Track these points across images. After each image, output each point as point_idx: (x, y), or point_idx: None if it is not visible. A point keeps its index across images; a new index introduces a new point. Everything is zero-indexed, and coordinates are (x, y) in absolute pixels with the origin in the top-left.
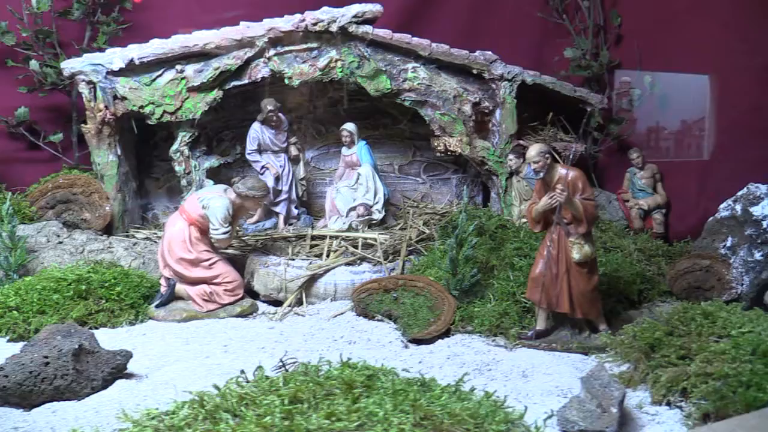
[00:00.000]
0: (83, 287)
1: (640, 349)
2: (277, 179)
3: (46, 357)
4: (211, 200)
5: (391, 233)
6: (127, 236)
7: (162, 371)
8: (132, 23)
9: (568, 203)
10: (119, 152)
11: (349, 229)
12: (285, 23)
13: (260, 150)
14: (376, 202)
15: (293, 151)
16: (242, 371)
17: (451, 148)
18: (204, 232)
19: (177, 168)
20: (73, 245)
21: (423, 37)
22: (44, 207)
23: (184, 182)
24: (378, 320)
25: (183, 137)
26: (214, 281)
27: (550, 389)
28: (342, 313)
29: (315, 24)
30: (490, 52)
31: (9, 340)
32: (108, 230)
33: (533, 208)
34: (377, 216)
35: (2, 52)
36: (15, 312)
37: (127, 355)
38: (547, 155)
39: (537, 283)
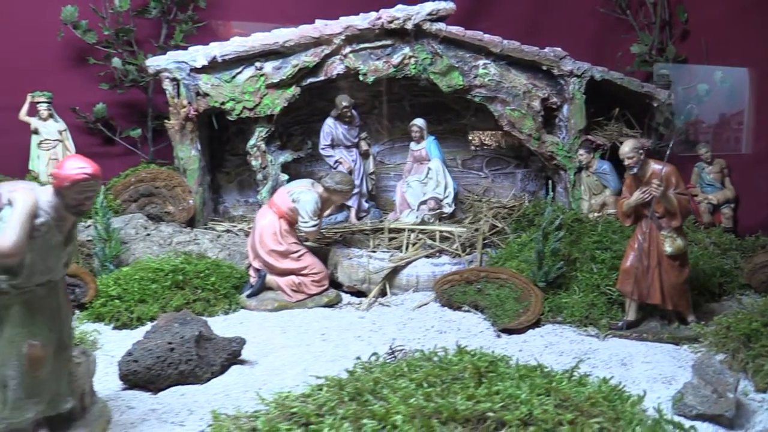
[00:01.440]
0: (180, 277)
1: (736, 339)
2: (350, 173)
3: (170, 343)
4: (300, 194)
5: (463, 226)
6: (207, 229)
7: (270, 358)
8: (207, 22)
9: (662, 197)
10: (199, 147)
11: (422, 222)
12: (361, 21)
13: (333, 145)
14: (446, 196)
15: (363, 146)
16: (375, 353)
17: (486, 142)
18: (292, 224)
19: (253, 162)
20: (160, 237)
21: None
22: (127, 200)
23: (260, 176)
24: (464, 311)
25: (260, 132)
26: (302, 272)
27: (653, 377)
28: (426, 304)
29: (391, 22)
30: (559, 49)
31: (114, 328)
32: (190, 223)
33: (624, 202)
34: (447, 209)
35: (81, 49)
36: (117, 301)
37: (242, 342)
38: (640, 151)
39: (629, 275)
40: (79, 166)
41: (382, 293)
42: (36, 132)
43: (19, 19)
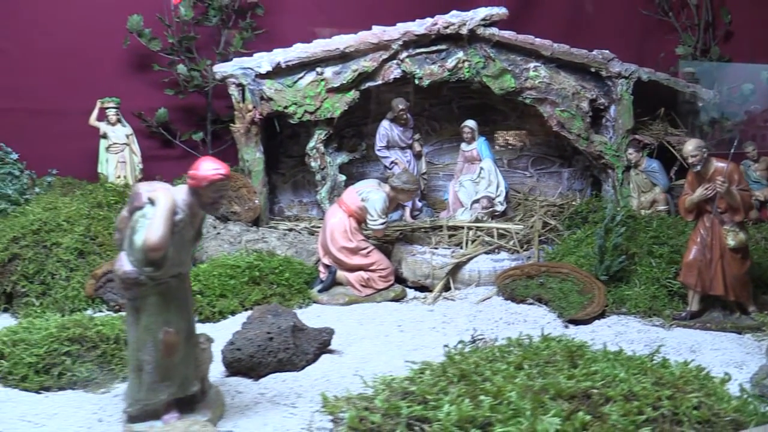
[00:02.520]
0: (256, 273)
1: None
2: None
3: (269, 333)
4: (369, 193)
5: (516, 224)
6: (270, 228)
7: (354, 347)
8: (266, 30)
9: (727, 194)
10: (262, 150)
11: (476, 220)
12: (418, 27)
13: (388, 146)
14: (498, 195)
15: (417, 147)
16: (461, 341)
17: (511, 141)
18: (360, 222)
19: (312, 164)
20: (230, 236)
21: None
22: None
23: (318, 177)
24: (529, 303)
25: (319, 135)
26: (371, 268)
27: (724, 362)
28: (489, 298)
29: (447, 27)
30: (607, 51)
31: (197, 321)
32: (256, 222)
33: (686, 198)
34: (500, 208)
35: (143, 56)
36: (199, 296)
37: (331, 332)
38: (704, 149)
39: (692, 268)
40: (215, 168)
41: (446, 288)
42: (104, 136)
43: (87, 28)
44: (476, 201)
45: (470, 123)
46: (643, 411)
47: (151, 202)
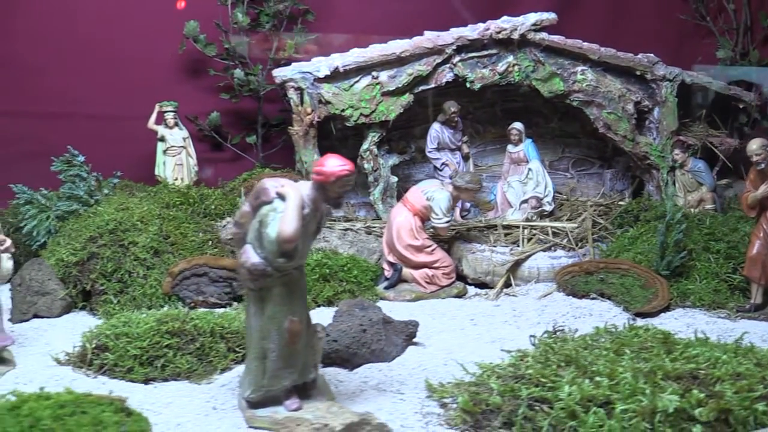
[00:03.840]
0: (326, 271)
1: None
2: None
3: (361, 325)
4: (434, 192)
5: (572, 222)
6: (327, 228)
7: (434, 339)
8: (318, 35)
9: None
10: (318, 152)
11: (527, 220)
12: (471, 32)
13: (438, 148)
14: (546, 195)
15: (465, 149)
16: (546, 331)
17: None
18: (424, 221)
19: (366, 165)
20: None
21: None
22: None
23: (371, 178)
24: (592, 298)
25: (372, 137)
26: (434, 265)
27: None
28: (550, 293)
29: (499, 32)
30: (652, 55)
31: None
32: None
33: (749, 195)
34: (548, 208)
35: (196, 61)
36: None
37: (416, 325)
38: (767, 147)
39: (755, 262)
40: (341, 164)
41: (506, 284)
42: (162, 139)
43: (143, 34)
44: (524, 201)
45: (518, 125)
46: (754, 388)
47: (281, 196)
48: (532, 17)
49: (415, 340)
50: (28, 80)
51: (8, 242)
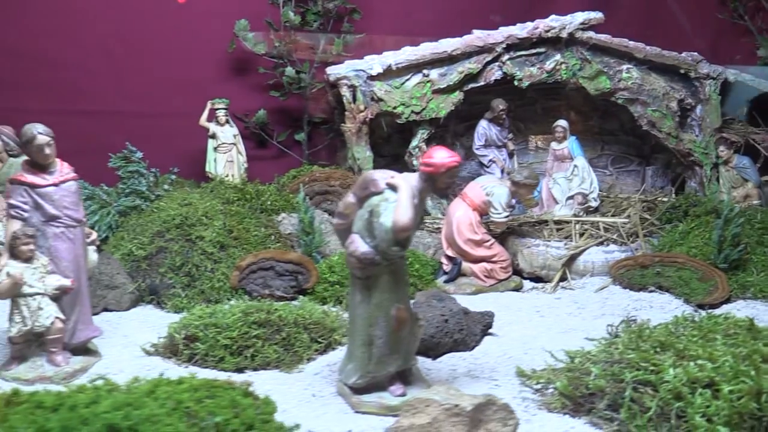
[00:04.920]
0: None
1: None
2: (502, 171)
3: (443, 315)
4: (494, 188)
5: (622, 218)
6: None
7: (506, 330)
8: (365, 34)
9: None
10: (370, 149)
11: (574, 215)
12: (520, 30)
13: (486, 145)
14: (592, 191)
15: (510, 146)
16: (623, 320)
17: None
18: (482, 216)
19: (415, 162)
20: None
21: None
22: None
23: None
24: (650, 291)
25: (422, 134)
26: (493, 259)
27: None
28: (606, 286)
29: (548, 31)
30: (696, 53)
31: (342, 310)
32: None
33: None
34: (593, 204)
35: (243, 60)
36: (338, 286)
37: (492, 315)
38: None
39: None
40: (450, 155)
41: (562, 278)
42: (213, 136)
43: (192, 33)
44: (570, 197)
45: (562, 122)
46: None
47: (392, 187)
48: (580, 16)
49: (491, 330)
50: (82, 80)
51: (94, 235)
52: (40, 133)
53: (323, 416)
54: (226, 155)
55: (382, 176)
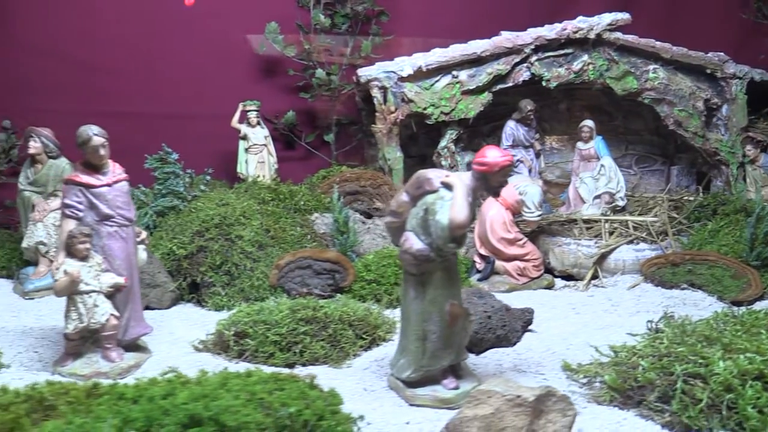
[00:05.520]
0: None
1: None
2: (530, 171)
3: (486, 311)
4: (527, 187)
5: (652, 217)
6: None
7: (544, 327)
8: (393, 36)
9: None
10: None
11: (603, 214)
12: (549, 32)
13: (513, 145)
14: (618, 191)
15: (537, 146)
16: (664, 315)
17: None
18: (515, 215)
19: (443, 162)
20: (380, 230)
21: None
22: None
23: None
24: (682, 288)
25: (450, 135)
26: (525, 258)
27: None
28: (638, 284)
29: (576, 32)
30: (722, 53)
31: (385, 308)
32: None
33: None
34: (620, 203)
35: (270, 62)
36: (374, 284)
37: (532, 312)
38: None
39: None
40: (502, 155)
41: (593, 276)
42: (244, 138)
43: (223, 35)
44: (597, 197)
45: (589, 123)
46: None
47: (446, 186)
48: (608, 17)
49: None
50: (114, 83)
51: (144, 234)
52: (95, 134)
53: (379, 409)
54: (257, 156)
55: (437, 175)
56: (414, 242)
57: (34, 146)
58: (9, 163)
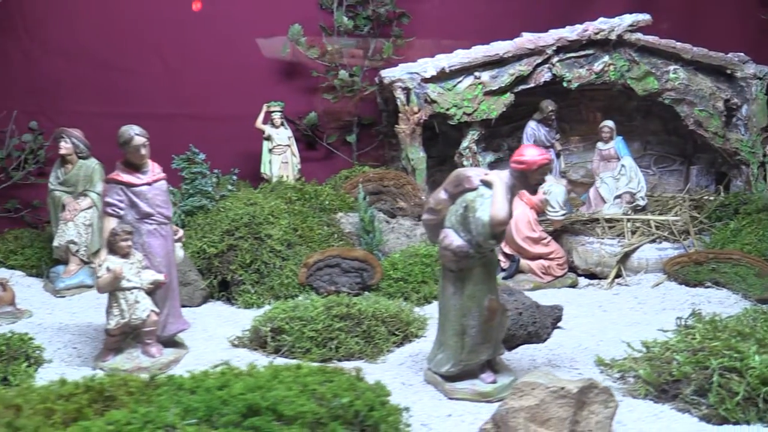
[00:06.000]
0: None
1: None
2: (551, 171)
3: (517, 308)
4: (550, 186)
5: (674, 216)
6: None
7: (573, 324)
8: (414, 38)
9: None
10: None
11: (624, 214)
12: (570, 33)
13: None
14: (639, 190)
15: (558, 146)
16: (692, 312)
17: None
18: (539, 214)
19: (465, 163)
20: (404, 229)
21: None
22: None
23: None
24: (706, 286)
25: (472, 135)
26: (549, 256)
27: None
28: (661, 282)
29: (597, 33)
30: (742, 54)
31: (415, 305)
32: (419, 217)
33: None
34: (641, 203)
35: (293, 64)
36: (402, 282)
37: (562, 309)
38: None
39: None
40: (540, 153)
41: (617, 275)
42: (268, 138)
43: (246, 37)
44: (618, 196)
45: (609, 123)
46: None
47: (486, 184)
48: (629, 18)
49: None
50: (140, 84)
51: (180, 232)
52: (137, 134)
53: (419, 402)
54: (281, 157)
55: (477, 173)
56: (454, 239)
57: (65, 147)
58: (36, 164)
